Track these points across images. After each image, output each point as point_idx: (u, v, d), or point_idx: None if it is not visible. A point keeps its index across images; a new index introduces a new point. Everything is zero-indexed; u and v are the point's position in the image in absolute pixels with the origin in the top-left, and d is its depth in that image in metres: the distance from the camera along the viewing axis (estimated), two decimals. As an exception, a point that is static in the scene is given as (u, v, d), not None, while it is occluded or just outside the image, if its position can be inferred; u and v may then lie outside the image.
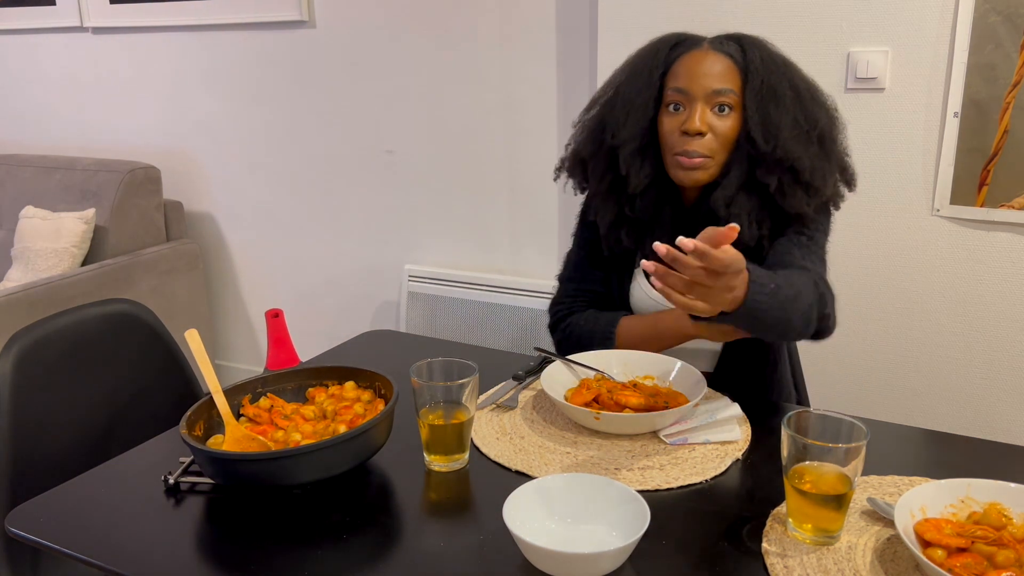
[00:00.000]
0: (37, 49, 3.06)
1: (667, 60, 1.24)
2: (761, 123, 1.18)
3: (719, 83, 1.18)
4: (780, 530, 0.88)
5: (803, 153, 1.18)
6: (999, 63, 1.67)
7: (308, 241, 2.80)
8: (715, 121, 1.19)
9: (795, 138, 1.18)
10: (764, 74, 1.19)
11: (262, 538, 0.89)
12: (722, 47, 1.21)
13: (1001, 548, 0.78)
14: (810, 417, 0.88)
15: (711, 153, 1.19)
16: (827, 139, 1.22)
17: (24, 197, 2.79)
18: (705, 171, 1.21)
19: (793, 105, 1.19)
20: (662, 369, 1.21)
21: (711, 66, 1.19)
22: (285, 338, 2.51)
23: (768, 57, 1.21)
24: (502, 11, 2.25)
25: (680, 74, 1.21)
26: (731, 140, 1.20)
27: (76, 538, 0.90)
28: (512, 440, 1.09)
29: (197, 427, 0.99)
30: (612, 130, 1.26)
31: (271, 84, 2.67)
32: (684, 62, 1.21)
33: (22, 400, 1.22)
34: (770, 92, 1.19)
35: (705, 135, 1.19)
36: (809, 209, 1.20)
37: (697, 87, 1.18)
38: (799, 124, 1.19)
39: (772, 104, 1.18)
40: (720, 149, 1.20)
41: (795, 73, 1.23)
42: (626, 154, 1.25)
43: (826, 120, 1.22)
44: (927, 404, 1.93)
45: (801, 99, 1.20)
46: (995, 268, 1.78)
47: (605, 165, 1.29)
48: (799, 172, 1.18)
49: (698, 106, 1.18)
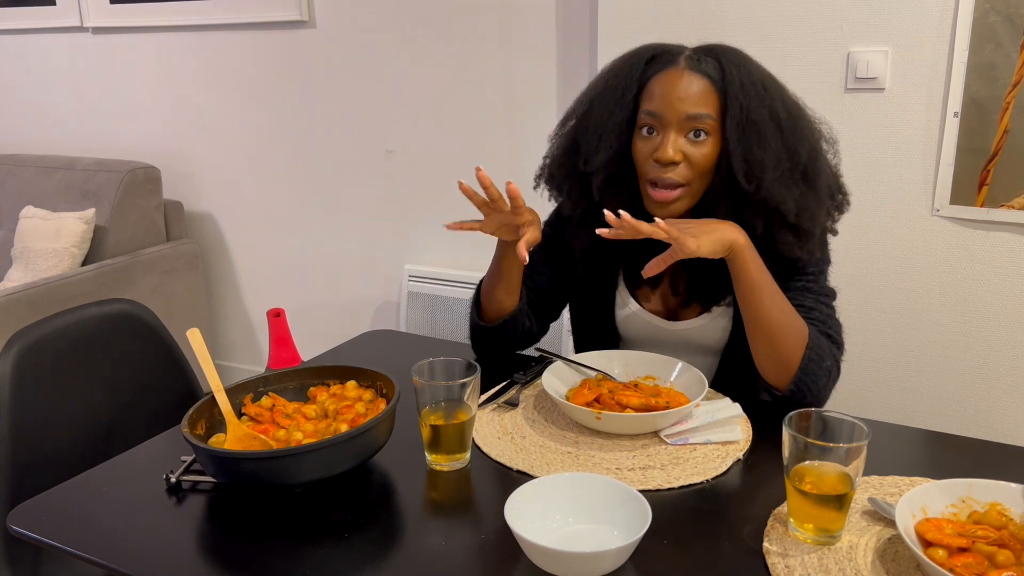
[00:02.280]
0: (37, 49, 3.06)
1: (641, 79, 1.18)
2: (744, 159, 1.12)
3: (694, 107, 1.12)
4: (781, 530, 0.88)
5: (787, 196, 1.13)
6: (999, 63, 1.67)
7: (308, 241, 2.80)
8: (689, 148, 1.14)
9: (778, 180, 1.12)
10: (744, 101, 1.12)
11: (263, 537, 0.89)
12: (699, 66, 1.14)
13: (1002, 548, 0.79)
14: (811, 417, 0.88)
15: (686, 181, 1.15)
16: (811, 173, 1.15)
17: (24, 197, 2.79)
18: (680, 202, 1.17)
19: (775, 140, 1.13)
20: (663, 369, 1.21)
21: (686, 88, 1.13)
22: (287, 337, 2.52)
23: (748, 80, 1.14)
24: (502, 11, 2.26)
25: (654, 95, 1.15)
26: (707, 168, 1.15)
27: (77, 536, 0.90)
28: (513, 440, 1.09)
29: (199, 426, 0.99)
30: (585, 155, 1.22)
31: (271, 84, 2.67)
32: (658, 82, 1.15)
33: (22, 400, 1.22)
34: (751, 127, 1.12)
35: (679, 164, 1.14)
36: (802, 252, 1.17)
37: (671, 112, 1.13)
38: (782, 163, 1.13)
39: (754, 139, 1.12)
40: (696, 177, 1.15)
41: (775, 98, 1.15)
42: (599, 182, 1.21)
43: (809, 151, 1.15)
44: (927, 404, 1.93)
45: (783, 132, 1.13)
46: (995, 268, 1.78)
47: (579, 191, 1.25)
48: (784, 215, 1.14)
49: (671, 134, 1.13)
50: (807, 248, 1.17)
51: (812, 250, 1.19)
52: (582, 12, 2.15)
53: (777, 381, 1.14)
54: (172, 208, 2.84)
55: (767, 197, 1.13)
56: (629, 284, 1.33)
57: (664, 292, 1.31)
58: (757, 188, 1.13)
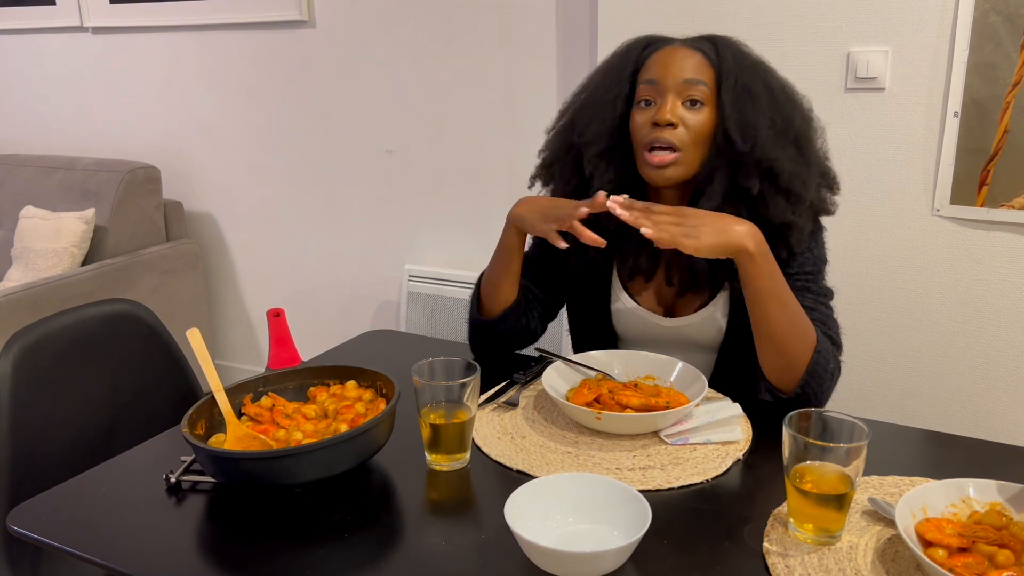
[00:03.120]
0: (37, 49, 3.06)
1: (638, 59, 1.22)
2: (739, 122, 1.15)
3: (691, 74, 1.16)
4: (781, 530, 0.88)
5: (781, 155, 1.15)
6: (999, 63, 1.67)
7: (308, 241, 2.80)
8: (686, 114, 1.16)
9: (772, 139, 1.15)
10: (738, 72, 1.17)
11: (263, 537, 0.89)
12: (695, 44, 1.20)
13: (1002, 548, 0.79)
14: (811, 417, 0.88)
15: (682, 146, 1.16)
16: (803, 141, 1.19)
17: (24, 197, 2.79)
18: (676, 168, 1.17)
19: (769, 105, 1.17)
20: (663, 369, 1.21)
21: (683, 58, 1.17)
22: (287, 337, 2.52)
23: (741, 56, 1.19)
24: (502, 11, 2.26)
25: (651, 67, 1.19)
26: (703, 136, 1.17)
27: (77, 536, 0.90)
28: (513, 440, 1.09)
29: (199, 426, 0.99)
30: (580, 130, 1.25)
31: (271, 84, 2.67)
32: (656, 56, 1.20)
33: (22, 400, 1.22)
34: (745, 91, 1.16)
35: (676, 127, 1.16)
36: (795, 218, 1.17)
37: (668, 77, 1.17)
38: (775, 124, 1.16)
39: (748, 103, 1.16)
40: (691, 144, 1.17)
41: (769, 73, 1.21)
42: (591, 154, 1.23)
43: (801, 121, 1.19)
44: (927, 404, 1.93)
45: (776, 99, 1.18)
46: (995, 268, 1.78)
47: (572, 167, 1.27)
48: (778, 176, 1.15)
49: (669, 97, 1.16)
50: (798, 212, 1.17)
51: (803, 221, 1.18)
52: (582, 12, 2.15)
53: (782, 383, 1.14)
54: (172, 208, 2.84)
55: (761, 157, 1.15)
56: (622, 278, 1.33)
57: (659, 284, 1.31)
58: (753, 147, 1.15)
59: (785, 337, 1.11)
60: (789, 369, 1.12)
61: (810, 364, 1.11)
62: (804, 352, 1.11)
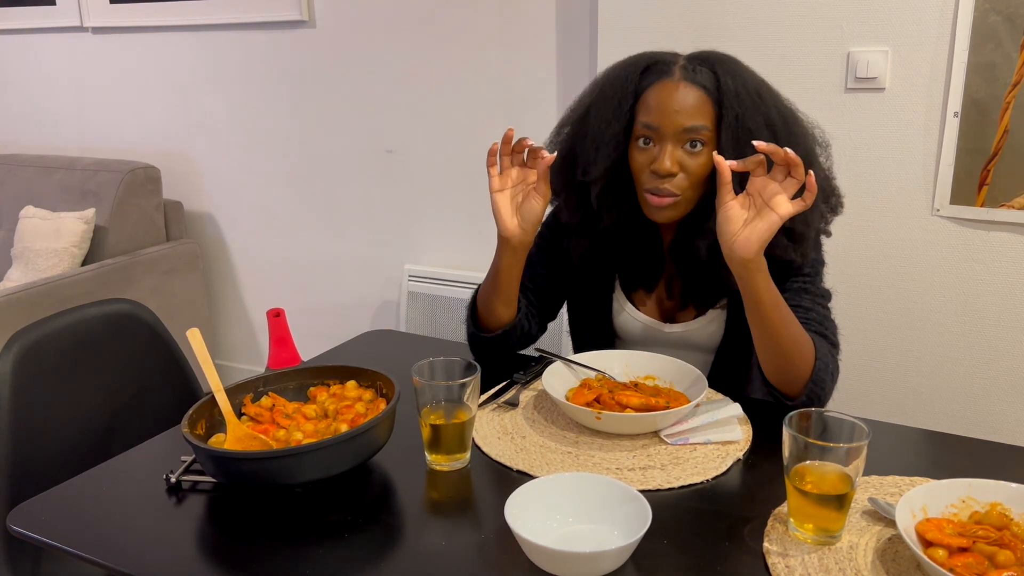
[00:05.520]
0: (37, 49, 3.06)
1: (637, 90, 1.19)
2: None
3: (690, 120, 1.14)
4: (781, 530, 0.88)
5: None
6: (999, 63, 1.67)
7: (308, 241, 2.80)
8: (686, 159, 1.16)
9: None
10: (739, 110, 1.14)
11: (263, 537, 0.89)
12: (694, 77, 1.16)
13: (1002, 548, 0.79)
14: (811, 417, 0.88)
15: (681, 191, 1.17)
16: None
17: (24, 197, 2.79)
18: (676, 209, 1.18)
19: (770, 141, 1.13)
20: (663, 369, 1.21)
21: (682, 100, 1.15)
22: (287, 337, 2.52)
23: (743, 89, 1.16)
24: (502, 11, 2.26)
25: (650, 108, 1.17)
26: (703, 177, 1.17)
27: (77, 536, 0.90)
28: (513, 440, 1.09)
29: (199, 426, 0.99)
30: (583, 166, 1.24)
31: (271, 84, 2.67)
32: (654, 94, 1.17)
33: (22, 400, 1.22)
34: (747, 135, 1.12)
35: (676, 175, 1.15)
36: (796, 255, 1.17)
37: (668, 124, 1.15)
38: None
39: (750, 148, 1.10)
40: (691, 187, 1.17)
41: (770, 106, 1.17)
42: (597, 192, 1.23)
43: (804, 153, 1.14)
44: (927, 404, 1.93)
45: (778, 140, 1.13)
46: (995, 268, 1.78)
47: (576, 200, 1.27)
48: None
49: (668, 146, 1.15)
50: (801, 251, 1.18)
51: (806, 252, 1.19)
52: (582, 12, 2.15)
53: (788, 389, 1.14)
54: (172, 208, 2.84)
55: None
56: (625, 289, 1.35)
57: (660, 296, 1.33)
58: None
59: (789, 346, 1.11)
60: (794, 377, 1.12)
61: (813, 371, 1.11)
62: (806, 359, 1.11)
